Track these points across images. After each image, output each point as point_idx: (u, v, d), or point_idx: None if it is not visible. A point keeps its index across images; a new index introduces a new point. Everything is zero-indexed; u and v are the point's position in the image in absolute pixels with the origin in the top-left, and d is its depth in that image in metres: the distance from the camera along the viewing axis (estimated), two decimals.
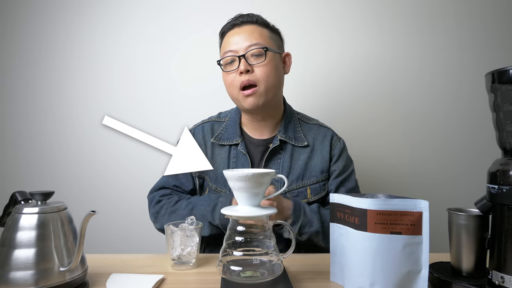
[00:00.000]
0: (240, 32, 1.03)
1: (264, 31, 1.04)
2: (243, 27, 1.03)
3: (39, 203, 0.68)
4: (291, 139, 1.08)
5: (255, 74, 1.01)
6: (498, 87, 0.62)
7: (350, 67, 1.59)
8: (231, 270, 0.67)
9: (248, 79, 1.00)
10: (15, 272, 0.61)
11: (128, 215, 1.57)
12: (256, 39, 1.01)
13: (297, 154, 1.08)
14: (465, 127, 1.60)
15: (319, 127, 1.14)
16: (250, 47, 1.00)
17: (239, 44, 1.01)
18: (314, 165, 1.07)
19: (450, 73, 1.60)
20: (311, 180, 1.06)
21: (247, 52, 1.00)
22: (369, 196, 0.70)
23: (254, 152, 1.09)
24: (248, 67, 1.00)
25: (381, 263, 0.63)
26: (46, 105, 1.58)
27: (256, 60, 1.01)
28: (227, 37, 1.05)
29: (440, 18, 1.59)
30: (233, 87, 1.03)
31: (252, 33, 1.02)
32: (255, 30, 1.03)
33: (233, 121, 1.12)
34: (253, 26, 1.04)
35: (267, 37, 1.04)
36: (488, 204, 0.64)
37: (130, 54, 1.58)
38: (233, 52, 1.01)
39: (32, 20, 1.57)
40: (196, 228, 0.82)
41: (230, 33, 1.05)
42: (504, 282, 0.59)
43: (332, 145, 1.10)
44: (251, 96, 1.01)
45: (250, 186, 0.68)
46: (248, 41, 1.01)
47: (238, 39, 1.02)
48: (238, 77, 1.01)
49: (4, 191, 0.98)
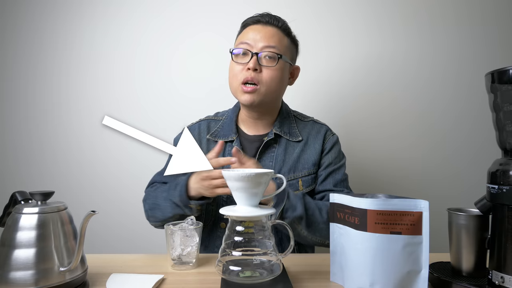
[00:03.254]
0: (262, 30, 1.04)
1: (284, 38, 1.06)
2: (267, 27, 1.04)
3: (39, 203, 0.68)
4: (286, 133, 1.10)
5: (261, 74, 1.02)
6: (498, 87, 0.62)
7: (350, 68, 1.59)
8: (230, 270, 0.67)
9: (253, 77, 1.01)
10: (15, 272, 0.61)
11: (128, 215, 1.57)
12: (274, 42, 1.03)
13: (291, 148, 1.09)
14: (464, 127, 1.60)
15: (314, 123, 1.16)
16: (266, 48, 1.02)
17: (256, 41, 1.02)
18: (307, 158, 1.08)
19: (450, 73, 1.60)
20: (303, 172, 1.07)
21: (262, 52, 1.01)
22: (369, 196, 0.70)
23: (249, 147, 1.10)
24: (257, 66, 1.01)
25: (381, 263, 0.63)
26: (46, 105, 1.58)
27: (267, 63, 1.02)
28: (248, 29, 1.06)
29: (440, 18, 1.59)
30: (236, 79, 1.04)
31: (273, 36, 1.03)
32: (276, 34, 1.04)
33: (230, 119, 1.14)
34: (276, 30, 1.05)
35: (285, 46, 1.06)
36: (488, 204, 0.65)
37: (130, 54, 1.58)
38: (248, 46, 1.02)
39: (32, 20, 1.57)
40: (196, 228, 0.82)
41: (252, 27, 1.06)
42: (504, 282, 0.59)
43: (325, 139, 1.12)
44: (250, 93, 1.02)
45: (249, 186, 0.68)
46: (266, 42, 1.02)
47: (258, 36, 1.03)
48: (245, 71, 1.02)
49: (4, 191, 0.98)
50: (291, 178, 1.06)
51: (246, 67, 1.01)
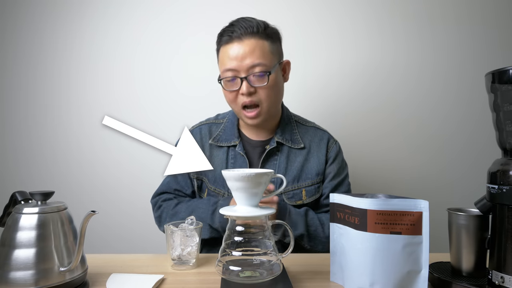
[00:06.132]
0: (240, 48, 0.96)
1: (265, 44, 0.98)
2: (244, 41, 0.96)
3: (39, 203, 0.68)
4: (288, 141, 1.09)
5: (258, 95, 0.99)
6: (498, 87, 0.62)
7: (351, 71, 1.58)
8: (230, 270, 0.67)
9: (251, 100, 0.98)
10: (15, 272, 0.61)
11: (128, 215, 1.57)
12: (258, 58, 0.96)
13: (294, 156, 1.08)
14: (465, 128, 1.60)
15: (315, 130, 1.15)
16: (253, 68, 0.96)
17: (240, 63, 0.96)
18: (310, 168, 1.08)
19: (450, 74, 1.59)
20: (306, 182, 1.07)
21: (249, 74, 0.96)
22: (369, 196, 0.70)
23: (252, 153, 1.09)
24: (250, 89, 0.97)
25: (381, 263, 0.63)
26: (46, 105, 1.58)
27: (259, 82, 0.97)
28: (225, 51, 0.99)
29: (441, 19, 1.58)
30: (235, 104, 1.02)
31: (254, 51, 0.96)
32: (256, 46, 0.96)
33: (231, 123, 1.13)
34: (254, 40, 0.96)
35: (269, 52, 0.98)
36: (488, 204, 0.64)
37: (130, 54, 1.58)
38: (234, 72, 0.97)
39: (32, 20, 1.57)
40: (196, 228, 0.82)
41: (228, 47, 0.98)
42: (504, 282, 0.59)
43: (329, 148, 1.11)
44: (253, 118, 1.01)
45: (249, 186, 0.68)
46: (249, 59, 0.95)
47: (239, 56, 0.96)
48: (240, 96, 0.99)
49: (4, 191, 0.98)
50: (295, 188, 1.06)
51: (240, 93, 0.99)
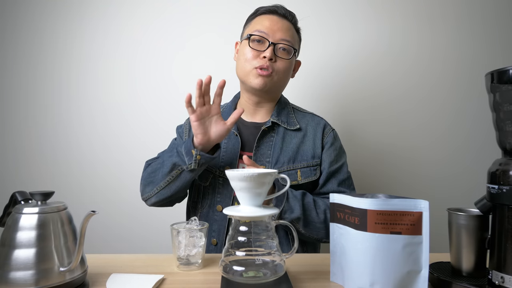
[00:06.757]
0: (279, 22, 1.07)
1: (295, 34, 1.11)
2: (282, 20, 1.08)
3: (39, 203, 0.67)
4: (284, 122, 1.11)
5: (276, 64, 1.05)
6: (498, 87, 0.62)
7: (351, 68, 1.59)
8: (233, 270, 0.67)
9: (268, 65, 1.04)
10: (15, 272, 0.61)
11: (128, 215, 1.57)
12: (290, 36, 1.07)
13: (289, 138, 1.10)
14: (465, 127, 1.60)
15: (313, 116, 1.18)
16: (283, 40, 1.05)
17: (273, 32, 1.05)
18: (306, 150, 1.09)
19: (449, 73, 1.60)
20: (302, 164, 1.08)
21: (279, 43, 1.05)
22: (369, 196, 0.70)
23: (246, 134, 1.11)
24: (273, 56, 1.04)
25: (381, 263, 0.63)
26: (46, 105, 1.58)
27: (282, 55, 1.06)
28: (263, 18, 1.08)
29: (440, 18, 1.59)
30: (250, 63, 1.05)
31: (288, 30, 1.07)
32: (290, 28, 1.09)
33: (229, 108, 1.16)
34: (290, 24, 1.09)
35: (296, 41, 1.11)
36: (488, 204, 0.64)
37: (130, 53, 1.58)
38: (265, 34, 1.05)
39: (32, 20, 1.57)
40: (202, 228, 0.81)
41: (268, 16, 1.08)
42: (504, 282, 0.59)
43: (325, 134, 1.13)
44: (264, 76, 1.04)
45: (252, 186, 0.67)
46: (282, 34, 1.05)
47: (275, 27, 1.05)
48: (259, 59, 1.04)
49: (4, 191, 0.98)
50: (290, 168, 1.07)
51: (261, 55, 1.04)
